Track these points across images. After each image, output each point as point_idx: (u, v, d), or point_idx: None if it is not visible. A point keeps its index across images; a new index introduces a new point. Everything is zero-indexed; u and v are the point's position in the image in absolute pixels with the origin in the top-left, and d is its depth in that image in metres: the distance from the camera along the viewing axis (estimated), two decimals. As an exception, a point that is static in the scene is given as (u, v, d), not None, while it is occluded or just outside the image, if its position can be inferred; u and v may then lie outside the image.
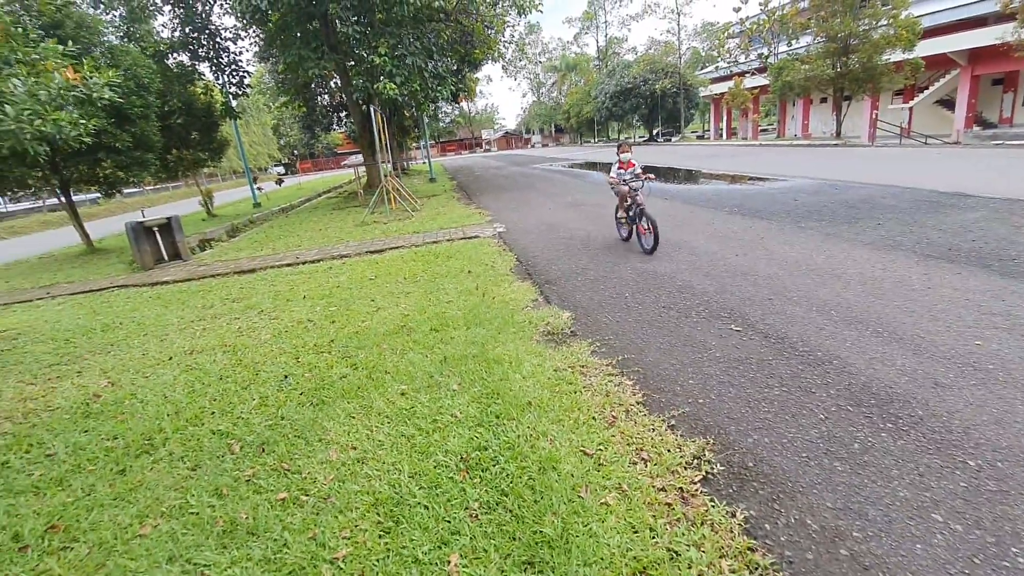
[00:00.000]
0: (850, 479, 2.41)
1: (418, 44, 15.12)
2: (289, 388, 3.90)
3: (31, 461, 3.30)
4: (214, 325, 5.72)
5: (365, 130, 18.70)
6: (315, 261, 8.68)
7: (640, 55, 59.59)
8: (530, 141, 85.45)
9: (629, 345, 4.13)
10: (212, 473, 2.94)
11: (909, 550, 2.02)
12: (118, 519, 2.64)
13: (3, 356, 5.42)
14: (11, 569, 2.37)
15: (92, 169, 11.91)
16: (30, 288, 9.31)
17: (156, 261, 9.96)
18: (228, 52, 17.62)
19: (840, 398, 3.07)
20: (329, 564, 2.19)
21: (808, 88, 28.02)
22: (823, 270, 5.42)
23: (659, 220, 6.78)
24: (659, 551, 2.08)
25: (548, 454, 2.73)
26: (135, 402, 3.95)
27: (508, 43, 27.84)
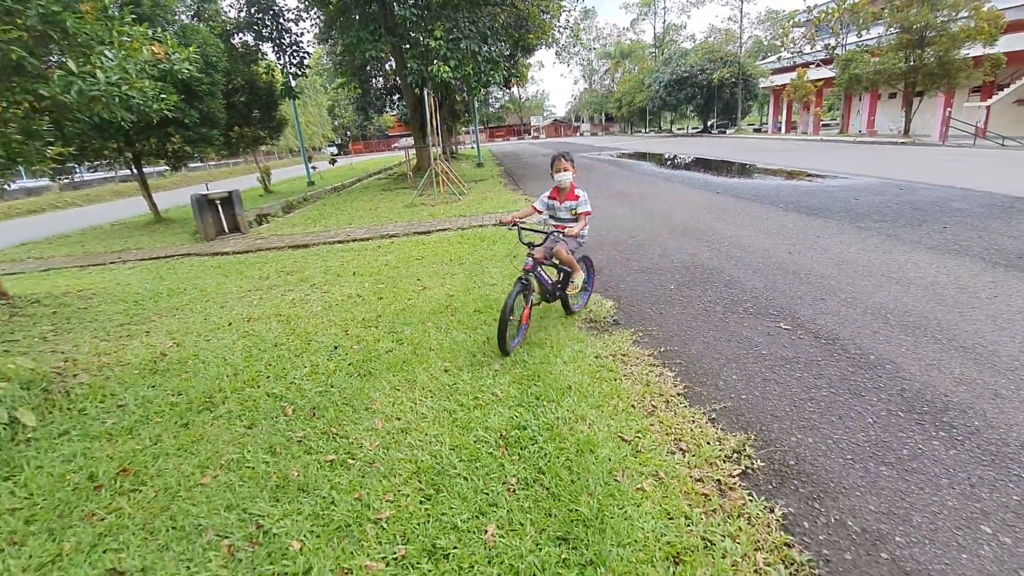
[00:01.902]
0: (896, 484, 2.35)
1: (473, 28, 15.15)
2: (338, 358, 4.08)
3: (105, 410, 3.58)
4: (270, 295, 6.01)
5: (417, 113, 18.93)
6: (365, 239, 8.94)
7: (698, 43, 57.70)
8: (579, 129, 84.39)
9: (672, 337, 4.10)
10: (267, 432, 3.12)
11: (954, 559, 1.97)
12: (181, 468, 2.85)
13: (80, 314, 5.87)
14: (87, 506, 2.61)
15: (162, 143, 12.60)
16: (104, 252, 9.98)
17: (217, 232, 10.48)
18: (290, 33, 18.12)
19: (891, 403, 2.97)
20: (373, 524, 2.31)
21: (877, 82, 26.50)
22: (881, 272, 5.19)
23: (708, 215, 6.53)
24: (694, 539, 2.10)
25: (586, 437, 2.78)
26: (197, 362, 4.22)
27: (563, 28, 27.49)
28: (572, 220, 4.06)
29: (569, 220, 4.07)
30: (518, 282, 3.71)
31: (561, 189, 4.07)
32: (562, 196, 4.08)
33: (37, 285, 7.41)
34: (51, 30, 2.84)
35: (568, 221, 4.07)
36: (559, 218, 4.15)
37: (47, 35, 2.88)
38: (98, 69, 2.87)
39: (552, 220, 4.21)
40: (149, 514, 2.49)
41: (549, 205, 4.18)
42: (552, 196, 4.14)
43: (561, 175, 3.99)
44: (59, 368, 4.18)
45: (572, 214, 4.06)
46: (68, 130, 3.76)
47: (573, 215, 4.06)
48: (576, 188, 4.02)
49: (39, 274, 8.51)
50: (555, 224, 4.11)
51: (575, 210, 4.05)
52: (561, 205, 4.09)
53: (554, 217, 4.20)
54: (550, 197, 4.15)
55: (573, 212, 4.05)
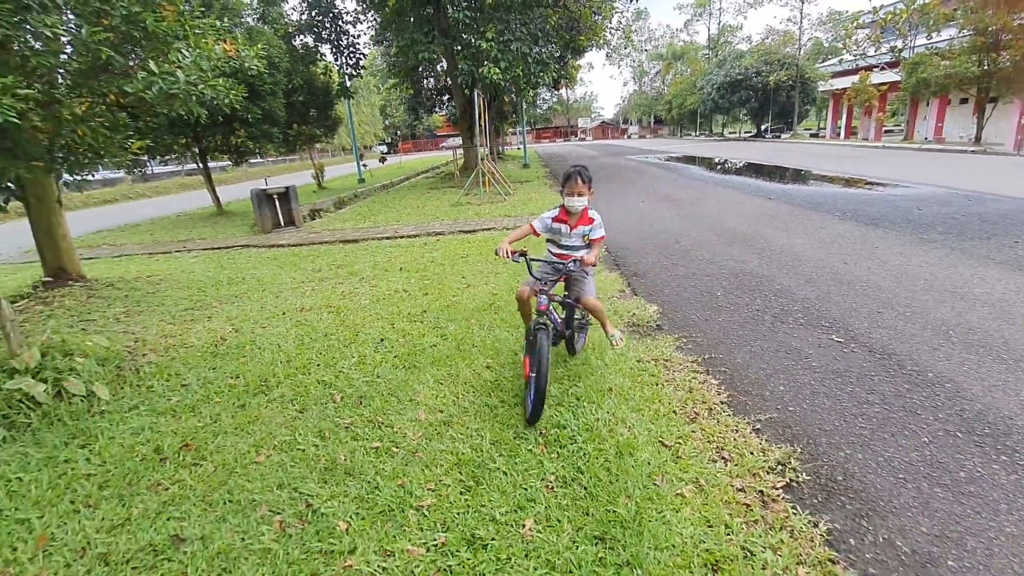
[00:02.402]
0: (951, 507, 2.25)
1: (524, 30, 15.24)
2: (385, 350, 4.21)
3: (170, 388, 3.83)
4: (321, 287, 6.25)
5: (466, 113, 19.20)
6: (412, 236, 9.15)
7: (755, 44, 55.95)
8: (627, 132, 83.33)
9: (717, 344, 4.03)
10: (316, 417, 3.27)
11: (1016, 590, 1.87)
12: (238, 446, 3.02)
13: (149, 298, 6.27)
14: (153, 476, 2.80)
15: (226, 139, 13.27)
16: (170, 241, 10.61)
17: (274, 226, 10.96)
18: (347, 35, 18.74)
19: (949, 423, 2.84)
20: (415, 511, 2.39)
21: (947, 87, 25.00)
22: (944, 287, 4.93)
23: (759, 221, 6.34)
24: (733, 548, 2.07)
25: (626, 440, 2.78)
26: (254, 348, 4.45)
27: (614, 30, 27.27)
28: (582, 247, 3.37)
29: (579, 248, 3.36)
30: (539, 331, 2.92)
31: (571, 212, 3.30)
32: (573, 219, 3.30)
33: (111, 269, 7.96)
34: (134, 30, 3.07)
35: (577, 249, 3.36)
36: (565, 245, 3.38)
37: (130, 35, 3.12)
38: (178, 68, 3.10)
39: (555, 248, 3.44)
40: (208, 487, 2.66)
41: (553, 229, 3.34)
42: (559, 218, 3.32)
43: (574, 200, 3.20)
44: (130, 347, 4.50)
45: (584, 240, 3.35)
46: (146, 125, 4.04)
47: (585, 242, 3.35)
48: (589, 209, 3.30)
49: (113, 259, 9.13)
50: (557, 253, 3.41)
51: (588, 236, 3.34)
52: (572, 231, 3.31)
53: (558, 244, 3.42)
54: (556, 219, 3.33)
55: (585, 238, 3.34)
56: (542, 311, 3.05)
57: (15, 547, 2.30)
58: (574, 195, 3.20)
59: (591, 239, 3.36)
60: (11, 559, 2.23)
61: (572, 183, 3.20)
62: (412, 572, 2.05)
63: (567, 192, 3.23)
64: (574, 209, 3.27)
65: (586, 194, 3.22)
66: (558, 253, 3.42)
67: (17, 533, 2.38)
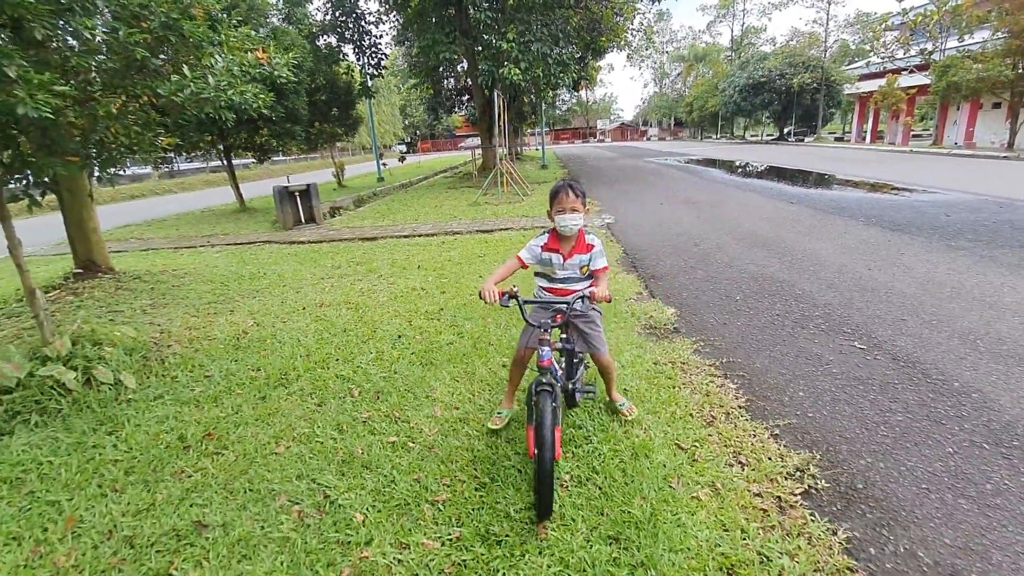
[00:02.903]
0: (976, 519, 2.20)
1: (545, 30, 15.25)
2: (402, 347, 4.25)
3: (194, 379, 3.92)
4: (340, 283, 6.33)
5: (485, 114, 19.26)
6: (430, 235, 9.22)
7: (779, 46, 55.15)
8: (646, 134, 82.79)
9: (735, 348, 3.99)
10: (335, 411, 3.32)
11: (1042, 606, 1.83)
12: (259, 437, 3.08)
13: (174, 291, 6.42)
14: (177, 463, 2.87)
15: (251, 137, 13.51)
16: (195, 236, 10.83)
17: (295, 222, 11.12)
18: (370, 35, 18.94)
19: (976, 434, 2.77)
20: (430, 505, 2.42)
21: (979, 90, 24.33)
22: (973, 295, 4.81)
23: (780, 226, 6.23)
24: (749, 553, 2.06)
25: (641, 442, 2.77)
26: (274, 342, 4.53)
27: (636, 31, 27.11)
28: (581, 280, 2.73)
29: (577, 282, 2.73)
30: (542, 395, 2.28)
31: (564, 237, 2.66)
32: (566, 246, 2.67)
33: (138, 263, 8.16)
34: (170, 34, 3.16)
35: (575, 282, 2.73)
36: (559, 279, 2.74)
37: (166, 38, 3.20)
38: (209, 74, 3.18)
39: (546, 283, 2.82)
40: (230, 476, 2.72)
41: (543, 259, 2.72)
42: (550, 246, 2.68)
43: (567, 218, 2.54)
44: (156, 338, 4.61)
45: (582, 272, 2.71)
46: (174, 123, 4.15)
47: (584, 273, 2.71)
48: (587, 233, 2.69)
49: (140, 253, 9.36)
50: (550, 289, 2.79)
51: (587, 266, 2.69)
52: (566, 260, 2.66)
53: (550, 278, 2.79)
54: (546, 247, 2.69)
55: (584, 269, 2.70)
56: (545, 367, 2.40)
57: (46, 527, 2.38)
58: (565, 212, 2.54)
59: (594, 270, 2.70)
60: (42, 539, 2.31)
61: (562, 197, 2.55)
62: (427, 565, 2.07)
63: (556, 210, 2.57)
64: (567, 231, 2.60)
65: (580, 211, 2.56)
66: (551, 289, 2.78)
67: (48, 514, 2.47)
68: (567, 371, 2.86)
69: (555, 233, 2.69)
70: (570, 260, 2.68)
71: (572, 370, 2.88)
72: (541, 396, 2.28)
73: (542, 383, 2.34)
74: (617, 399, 3.08)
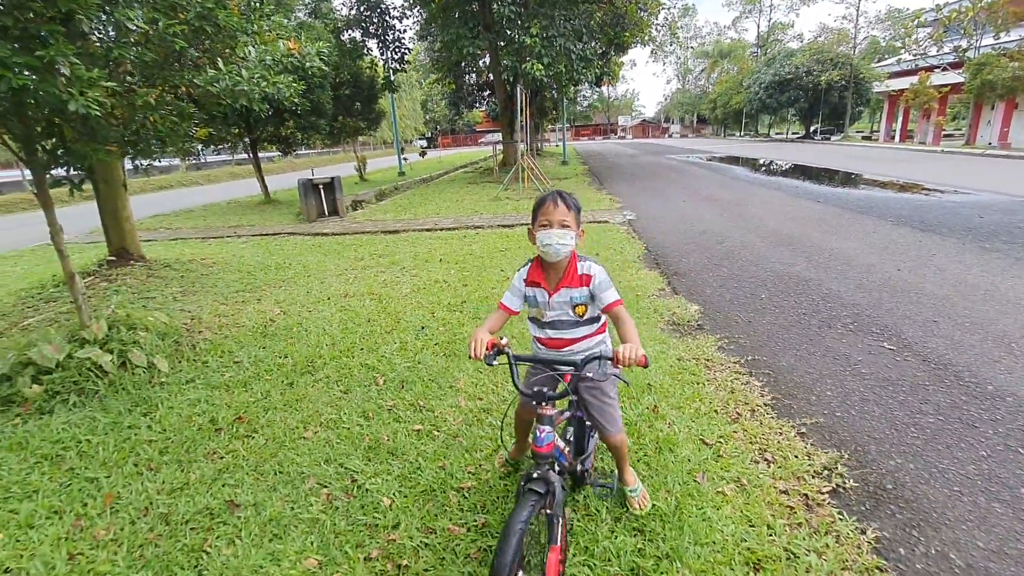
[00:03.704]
0: (1011, 524, 2.15)
1: (568, 25, 15.17)
2: (425, 338, 4.30)
3: (224, 364, 4.01)
4: (364, 275, 6.41)
5: (507, 109, 19.26)
6: (451, 229, 9.27)
7: (807, 43, 54.03)
8: (668, 131, 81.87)
9: (761, 347, 3.95)
10: (360, 398, 3.37)
11: (1081, 612, 1.79)
12: (287, 421, 3.15)
13: (203, 279, 6.56)
14: (209, 444, 2.95)
15: (277, 129, 13.71)
16: (222, 227, 11.04)
17: (318, 215, 11.27)
18: (394, 30, 19.05)
19: (1011, 438, 2.71)
20: (455, 492, 2.45)
21: (1015, 89, 23.58)
22: (1008, 298, 4.68)
23: (807, 225, 6.11)
24: (776, 549, 2.05)
25: (666, 436, 2.76)
26: (301, 330, 4.61)
27: (660, 26, 26.80)
28: (577, 325, 2.01)
29: (571, 325, 2.01)
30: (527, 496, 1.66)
31: (548, 265, 1.96)
32: (552, 277, 1.98)
33: (167, 252, 8.36)
34: (206, 24, 3.23)
35: (568, 328, 2.02)
36: (549, 324, 2.04)
37: (202, 28, 3.27)
38: (243, 67, 3.26)
39: (538, 330, 2.10)
40: (260, 458, 2.79)
41: (529, 297, 2.03)
42: (533, 279, 1.99)
43: (551, 235, 1.84)
44: (187, 324, 4.72)
45: (578, 312, 1.98)
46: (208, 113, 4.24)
47: (580, 315, 1.99)
48: (581, 258, 1.96)
49: (169, 242, 9.58)
50: (544, 339, 2.08)
51: (583, 305, 1.97)
52: (553, 296, 1.96)
53: (539, 322, 2.08)
54: (529, 281, 2.00)
55: (580, 310, 1.98)
56: (543, 454, 1.75)
57: (85, 503, 2.47)
58: (551, 227, 1.84)
59: (604, 308, 1.95)
60: (82, 513, 2.40)
61: (548, 207, 1.87)
62: (453, 550, 2.10)
63: (538, 224, 1.89)
64: (552, 255, 1.87)
65: (572, 228, 1.86)
66: (542, 340, 2.09)
67: (87, 490, 2.56)
68: (575, 444, 2.16)
69: (539, 261, 1.98)
70: (556, 296, 1.95)
71: (582, 443, 2.22)
72: (524, 499, 1.65)
73: (532, 478, 1.70)
74: (629, 483, 2.30)
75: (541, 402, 1.79)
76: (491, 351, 1.82)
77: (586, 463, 2.21)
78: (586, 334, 2.05)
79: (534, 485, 1.68)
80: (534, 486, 1.68)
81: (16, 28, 2.61)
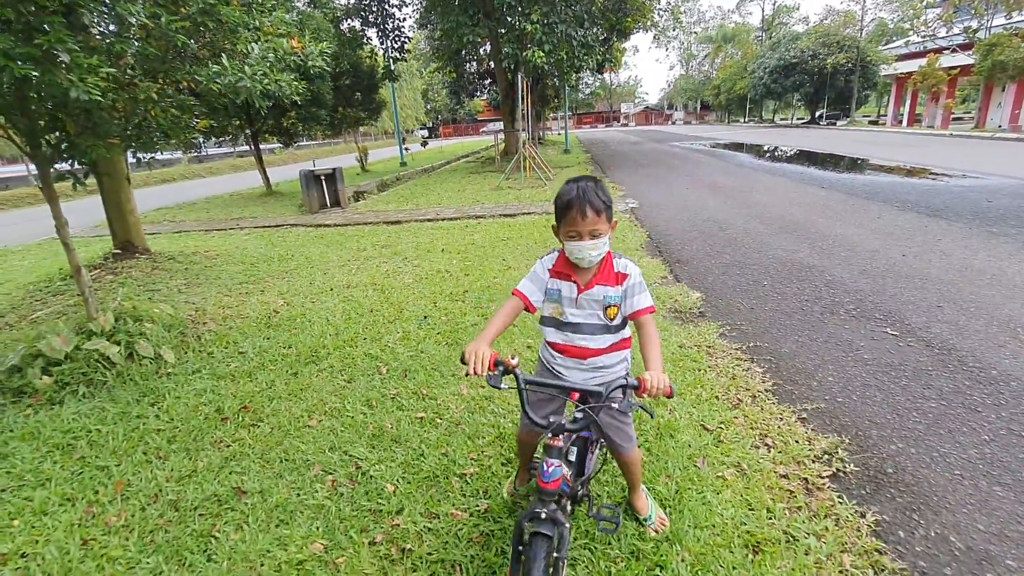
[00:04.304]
0: (1012, 507, 2.17)
1: (570, 11, 15.02)
2: (428, 327, 4.32)
3: (229, 355, 4.05)
4: (366, 266, 6.43)
5: (508, 97, 19.14)
6: (453, 219, 9.26)
7: (812, 26, 53.30)
8: (671, 117, 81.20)
9: (763, 333, 3.96)
10: (364, 387, 3.40)
11: (1077, 592, 1.80)
12: (292, 411, 3.19)
13: (207, 271, 6.60)
14: (216, 433, 2.99)
15: (277, 122, 13.68)
16: (224, 219, 11.07)
17: (320, 206, 11.28)
18: (393, 18, 18.91)
19: (1014, 422, 2.72)
20: (458, 478, 2.48)
21: (1028, 70, 23.22)
22: (1015, 283, 4.66)
23: (811, 211, 6.07)
24: (775, 532, 2.07)
25: (667, 422, 2.79)
26: (304, 321, 4.64)
27: (663, 11, 26.48)
28: (606, 331, 1.80)
29: (599, 331, 1.79)
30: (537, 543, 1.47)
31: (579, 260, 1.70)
32: (585, 275, 1.76)
33: (171, 244, 8.40)
34: (208, 19, 3.22)
35: (595, 334, 1.79)
36: (572, 325, 1.81)
37: (204, 24, 3.27)
38: (246, 64, 3.26)
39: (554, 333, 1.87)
40: (266, 446, 2.83)
41: (550, 291, 1.81)
42: (559, 269, 1.78)
43: (583, 248, 1.65)
44: (192, 316, 4.76)
45: (608, 316, 1.77)
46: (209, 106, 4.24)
47: (611, 317, 1.77)
48: (616, 255, 1.77)
49: (173, 235, 9.63)
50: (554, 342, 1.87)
51: (615, 306, 1.75)
52: (583, 294, 1.75)
53: (558, 323, 1.84)
54: (555, 271, 1.79)
55: (612, 312, 1.76)
56: (549, 491, 1.53)
57: (97, 490, 2.52)
58: (583, 238, 1.64)
59: (633, 312, 1.73)
60: (94, 500, 2.44)
61: (575, 216, 1.63)
62: (456, 534, 2.13)
63: (567, 232, 1.68)
64: (587, 264, 1.71)
65: (605, 232, 1.66)
66: (557, 346, 1.87)
67: (98, 478, 2.61)
68: (576, 465, 1.87)
69: (564, 256, 1.77)
70: (588, 293, 1.74)
71: (582, 463, 1.96)
72: (535, 539, 1.47)
73: (540, 518, 1.48)
74: (642, 508, 2.12)
75: (557, 434, 1.56)
76: (495, 371, 1.56)
77: (585, 486, 1.96)
78: (612, 344, 1.81)
79: (543, 527, 1.47)
80: (543, 528, 1.46)
81: (19, 22, 2.62)
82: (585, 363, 1.83)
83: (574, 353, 1.83)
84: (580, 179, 1.70)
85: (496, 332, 1.70)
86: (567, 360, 1.86)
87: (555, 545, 1.49)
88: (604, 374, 1.82)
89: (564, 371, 1.88)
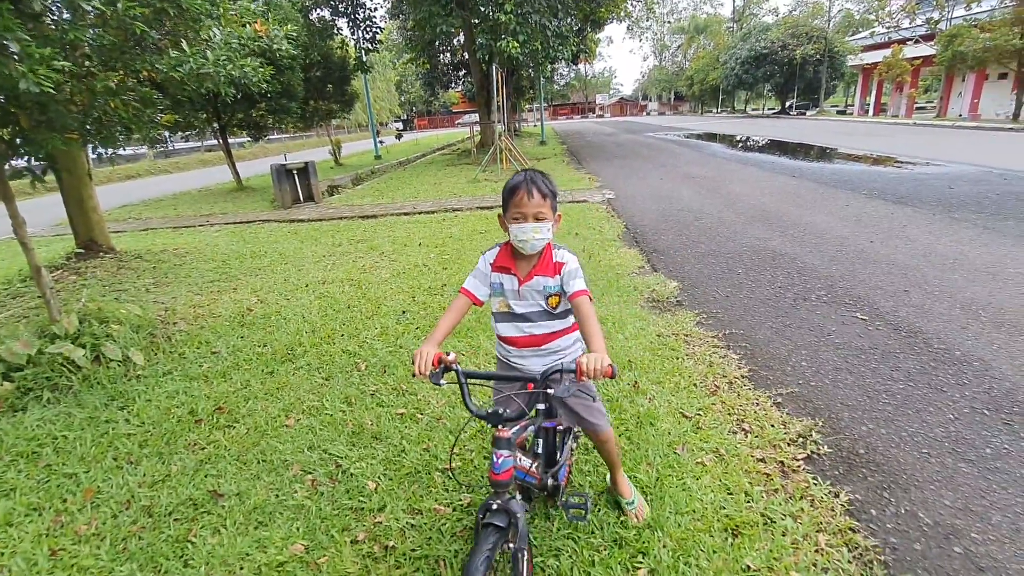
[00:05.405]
0: (976, 482, 2.25)
1: (543, 1, 14.92)
2: (406, 322, 4.28)
3: (201, 355, 3.95)
4: (342, 261, 6.33)
5: (483, 89, 18.99)
6: (430, 212, 9.18)
7: (782, 17, 54.12)
8: (646, 108, 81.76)
9: (738, 320, 4.02)
10: (342, 384, 3.36)
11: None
12: (268, 410, 3.13)
13: (176, 270, 6.42)
14: (190, 436, 2.92)
15: (246, 114, 13.33)
16: (193, 216, 10.77)
17: (293, 201, 11.06)
18: (364, 8, 18.52)
19: (977, 401, 2.82)
20: (440, 473, 2.47)
21: (985, 60, 24.03)
22: (976, 266, 4.83)
23: (782, 200, 6.18)
24: (753, 515, 2.11)
25: (647, 411, 2.82)
26: (279, 318, 4.55)
27: (636, 1, 26.56)
28: (552, 318, 1.83)
29: (545, 318, 1.83)
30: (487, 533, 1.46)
31: (520, 253, 1.77)
32: (524, 266, 1.79)
33: (138, 242, 8.14)
34: (168, 6, 3.10)
35: (541, 321, 1.83)
36: (519, 316, 1.83)
37: (164, 11, 3.15)
38: (208, 49, 3.14)
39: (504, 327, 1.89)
40: (242, 448, 2.77)
41: (495, 285, 1.84)
42: (502, 264, 1.81)
43: (526, 230, 1.68)
44: (161, 316, 4.63)
45: (550, 304, 1.80)
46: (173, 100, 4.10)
47: (553, 306, 1.81)
48: (556, 248, 1.80)
49: (139, 233, 9.33)
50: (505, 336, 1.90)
51: (556, 295, 1.79)
52: (524, 285, 1.78)
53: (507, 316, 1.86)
54: (497, 266, 1.82)
55: (554, 300, 1.80)
56: (501, 482, 1.53)
57: (65, 498, 2.43)
58: (526, 220, 1.68)
59: (571, 294, 1.73)
60: (62, 509, 2.36)
61: (521, 198, 1.68)
62: (439, 529, 2.13)
63: (511, 216, 1.71)
64: (529, 250, 1.73)
65: (548, 218, 1.70)
66: (518, 337, 1.87)
67: (66, 486, 2.52)
68: (544, 457, 1.84)
69: (509, 246, 1.80)
70: (528, 284, 1.77)
71: (552, 455, 1.91)
72: (484, 537, 1.45)
73: (491, 509, 1.51)
74: (625, 493, 2.15)
75: (497, 424, 1.57)
76: (437, 368, 1.60)
77: (560, 475, 1.94)
78: (564, 328, 1.87)
79: (494, 519, 1.48)
80: (494, 519, 1.48)
81: (-38, 9, 2.48)
82: (542, 349, 1.88)
83: (529, 343, 1.87)
84: (528, 170, 1.78)
85: (445, 332, 1.75)
86: (523, 351, 1.89)
87: (508, 536, 1.50)
88: (563, 355, 1.87)
89: (521, 361, 1.92)
